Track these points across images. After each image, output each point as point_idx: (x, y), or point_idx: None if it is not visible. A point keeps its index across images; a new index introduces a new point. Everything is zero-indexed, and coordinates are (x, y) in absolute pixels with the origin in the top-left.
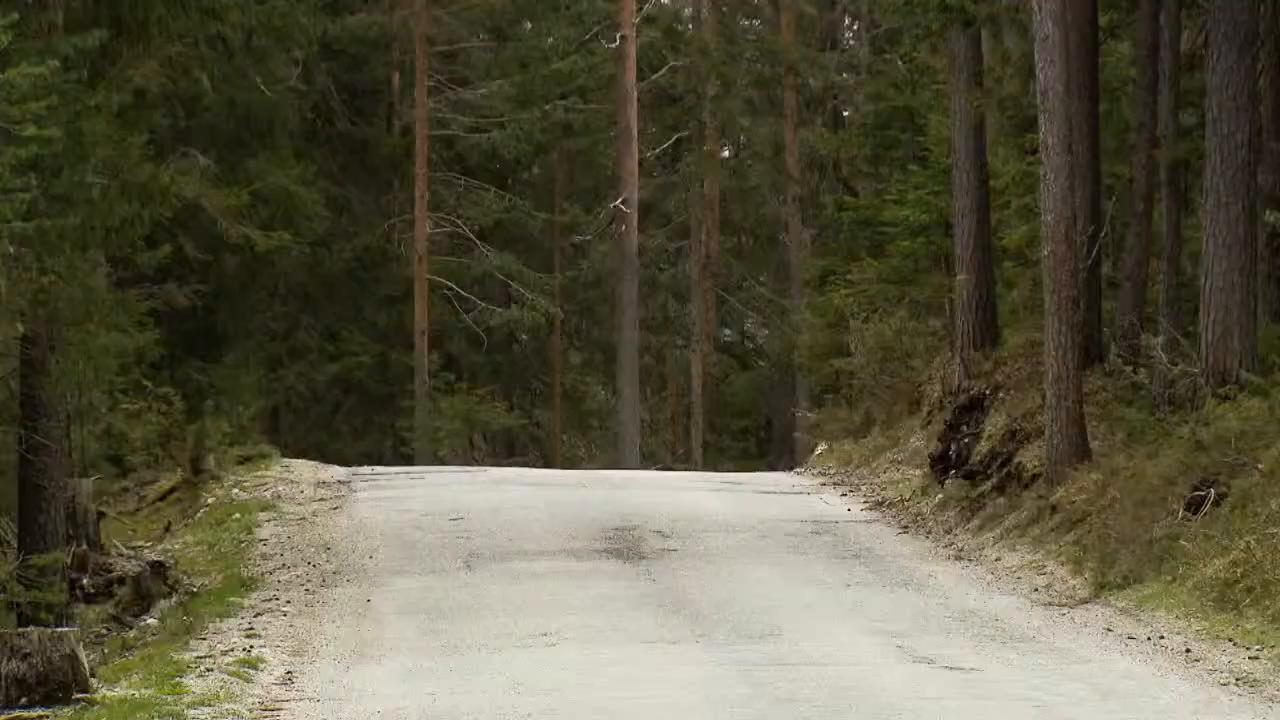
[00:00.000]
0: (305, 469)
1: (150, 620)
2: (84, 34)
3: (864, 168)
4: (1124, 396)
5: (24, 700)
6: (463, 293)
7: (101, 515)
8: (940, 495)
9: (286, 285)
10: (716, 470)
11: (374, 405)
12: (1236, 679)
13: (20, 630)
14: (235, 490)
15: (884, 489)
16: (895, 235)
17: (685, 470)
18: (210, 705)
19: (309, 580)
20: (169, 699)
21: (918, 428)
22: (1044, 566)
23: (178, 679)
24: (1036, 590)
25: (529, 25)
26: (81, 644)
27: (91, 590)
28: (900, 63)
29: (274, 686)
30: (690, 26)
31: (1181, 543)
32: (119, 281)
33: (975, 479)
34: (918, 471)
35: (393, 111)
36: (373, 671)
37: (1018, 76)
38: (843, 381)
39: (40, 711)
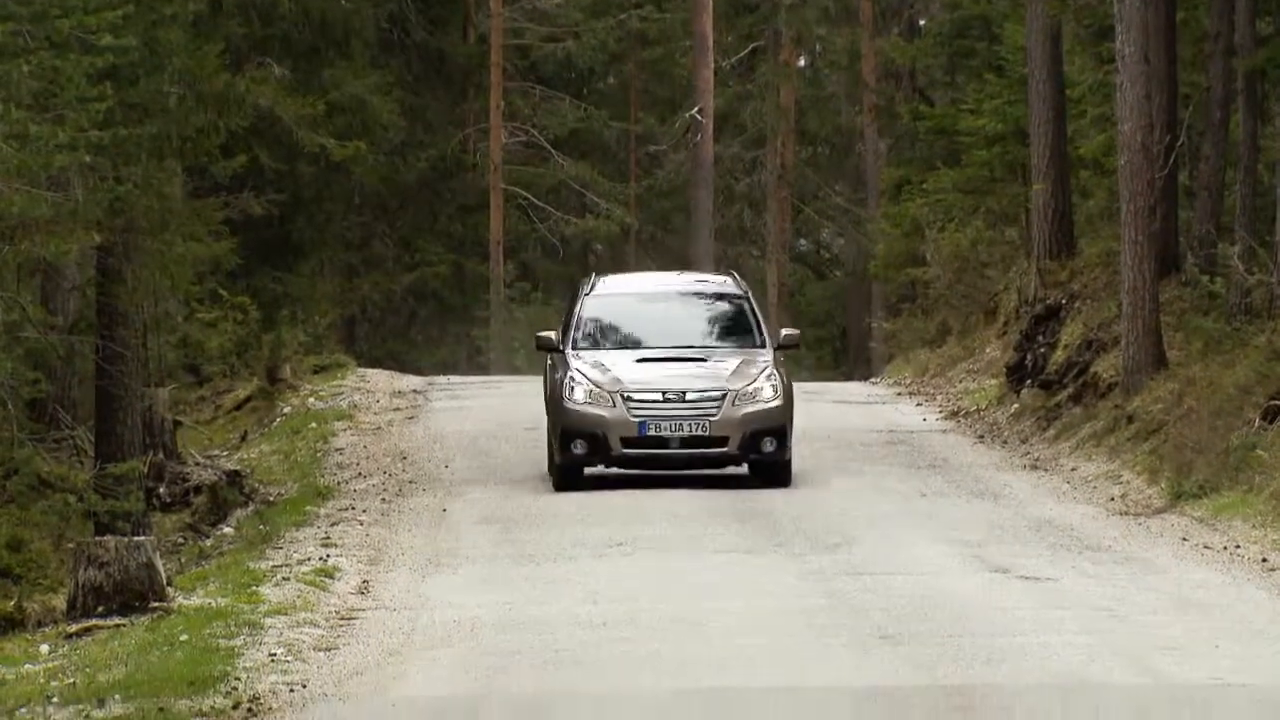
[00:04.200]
0: (381, 378)
1: (226, 529)
2: None
3: (940, 77)
4: (1200, 306)
5: (101, 609)
6: (538, 202)
7: (178, 424)
8: (1016, 405)
9: (362, 195)
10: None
11: (449, 315)
12: None
13: (97, 539)
14: (311, 399)
15: (959, 399)
16: (971, 145)
17: None
18: (286, 614)
19: (385, 490)
20: (245, 608)
21: (993, 338)
22: (1120, 476)
23: (254, 588)
24: (1112, 500)
25: None
26: (158, 553)
27: (168, 499)
28: None
29: (350, 595)
30: None
31: (1258, 452)
32: (195, 191)
33: (1051, 389)
34: (993, 381)
35: (468, 21)
36: (448, 581)
37: None
38: (918, 291)
39: (117, 620)
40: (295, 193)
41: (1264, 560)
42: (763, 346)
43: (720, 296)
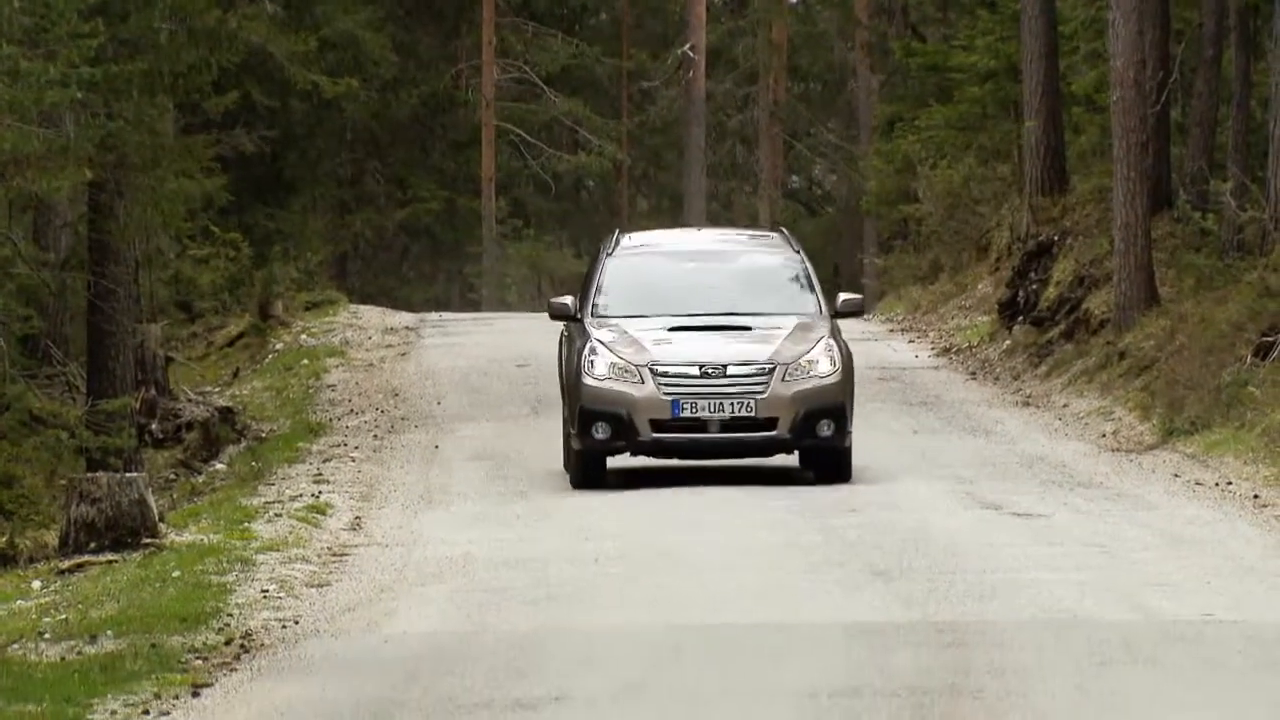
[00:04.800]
0: (373, 315)
1: (219, 466)
2: None
3: (932, 13)
4: (1192, 242)
5: (93, 545)
6: (530, 139)
7: (170, 360)
8: (1008, 341)
9: (354, 131)
10: None
11: (441, 251)
12: None
13: (89, 475)
14: (303, 336)
15: (952, 335)
16: (963, 81)
17: None
18: (279, 550)
19: (377, 426)
20: (237, 544)
21: (985, 274)
22: (1111, 412)
23: (246, 524)
24: (1104, 436)
25: None
26: (150, 489)
27: (160, 435)
28: None
29: (342, 532)
30: None
31: (1250, 389)
32: (186, 127)
33: (1043, 325)
34: (985, 318)
35: None
36: (440, 517)
37: None
38: (911, 228)
39: (109, 556)
40: (287, 129)
41: (1256, 497)
42: (818, 313)
43: (767, 254)
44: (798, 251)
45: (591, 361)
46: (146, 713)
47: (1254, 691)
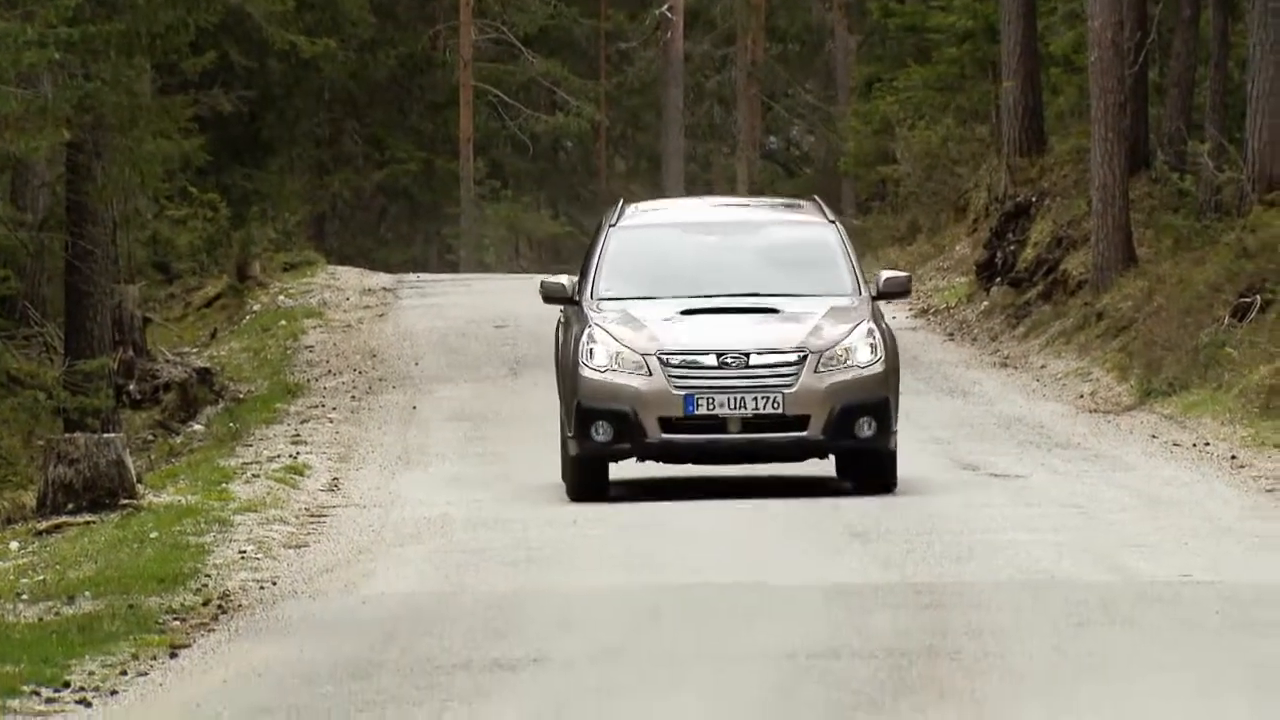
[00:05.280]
0: (351, 276)
1: (196, 427)
2: None
3: None
4: (1170, 203)
5: (71, 506)
6: (508, 99)
7: (147, 321)
8: (986, 302)
9: (331, 91)
10: None
11: (419, 212)
12: None
13: (67, 436)
14: (281, 297)
15: (929, 296)
16: (941, 42)
17: None
18: (257, 511)
19: (355, 387)
20: (215, 505)
21: (963, 235)
22: (1089, 373)
23: (224, 485)
24: (1082, 397)
25: None
26: (128, 450)
27: (138, 396)
28: None
29: (320, 493)
30: None
31: (1227, 350)
32: (164, 88)
33: (1021, 286)
34: (963, 279)
35: None
36: (418, 478)
37: None
38: (888, 189)
39: (87, 517)
40: (265, 90)
41: (1233, 458)
42: (856, 293)
43: (797, 227)
44: (832, 222)
45: (590, 350)
46: (124, 673)
47: (1231, 652)
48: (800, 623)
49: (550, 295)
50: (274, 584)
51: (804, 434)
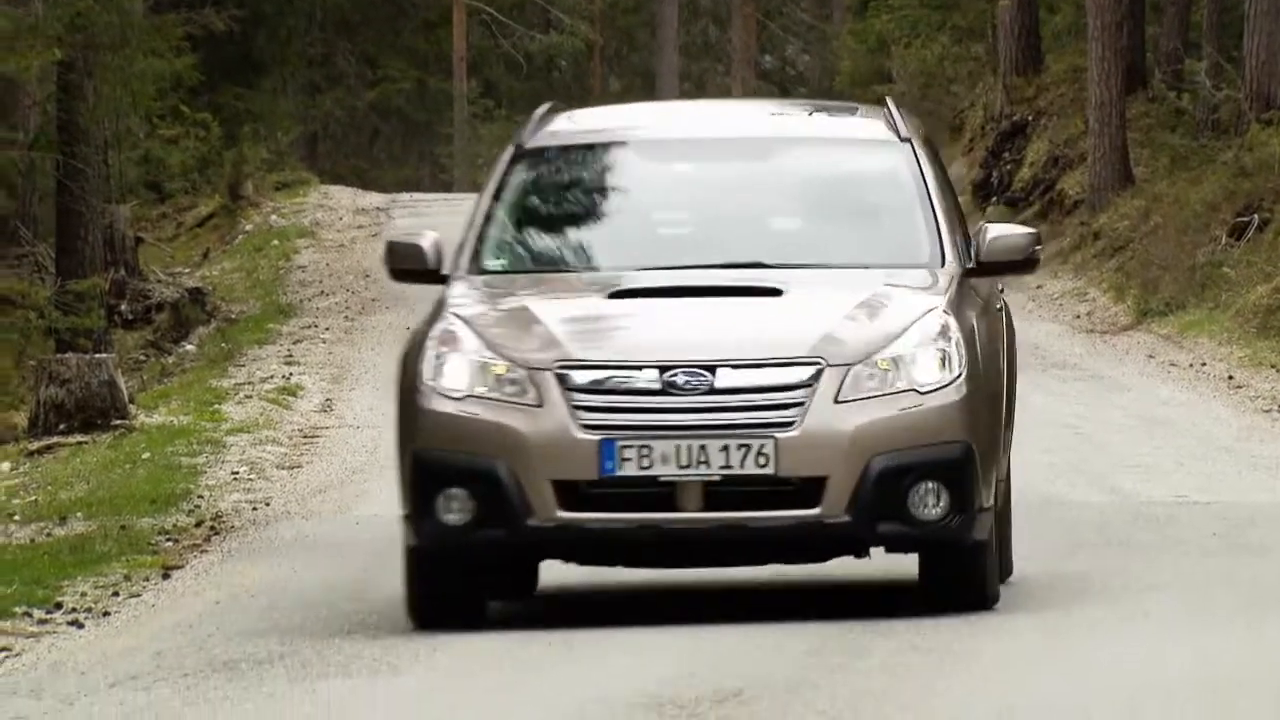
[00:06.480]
0: (344, 196)
1: (189, 347)
2: None
3: None
4: (1167, 122)
5: (62, 426)
6: (501, 18)
7: (139, 241)
8: (981, 222)
9: (324, 10)
10: None
11: (412, 132)
12: (1279, 405)
13: (59, 356)
14: (273, 217)
15: None
16: None
17: None
18: (249, 432)
19: (348, 307)
20: (208, 426)
21: (959, 155)
22: (1086, 293)
23: (216, 406)
24: (1078, 317)
25: None
26: (120, 370)
27: (130, 316)
28: None
29: (313, 414)
30: None
31: (1224, 269)
32: (155, 6)
33: (1017, 205)
34: (959, 199)
35: None
36: None
37: None
38: None
39: (79, 438)
40: (256, 8)
41: (1230, 378)
42: (938, 261)
43: (842, 148)
44: (906, 140)
45: (440, 361)
46: (116, 594)
47: (1225, 573)
48: None
49: (399, 265)
50: (267, 505)
51: (815, 512)
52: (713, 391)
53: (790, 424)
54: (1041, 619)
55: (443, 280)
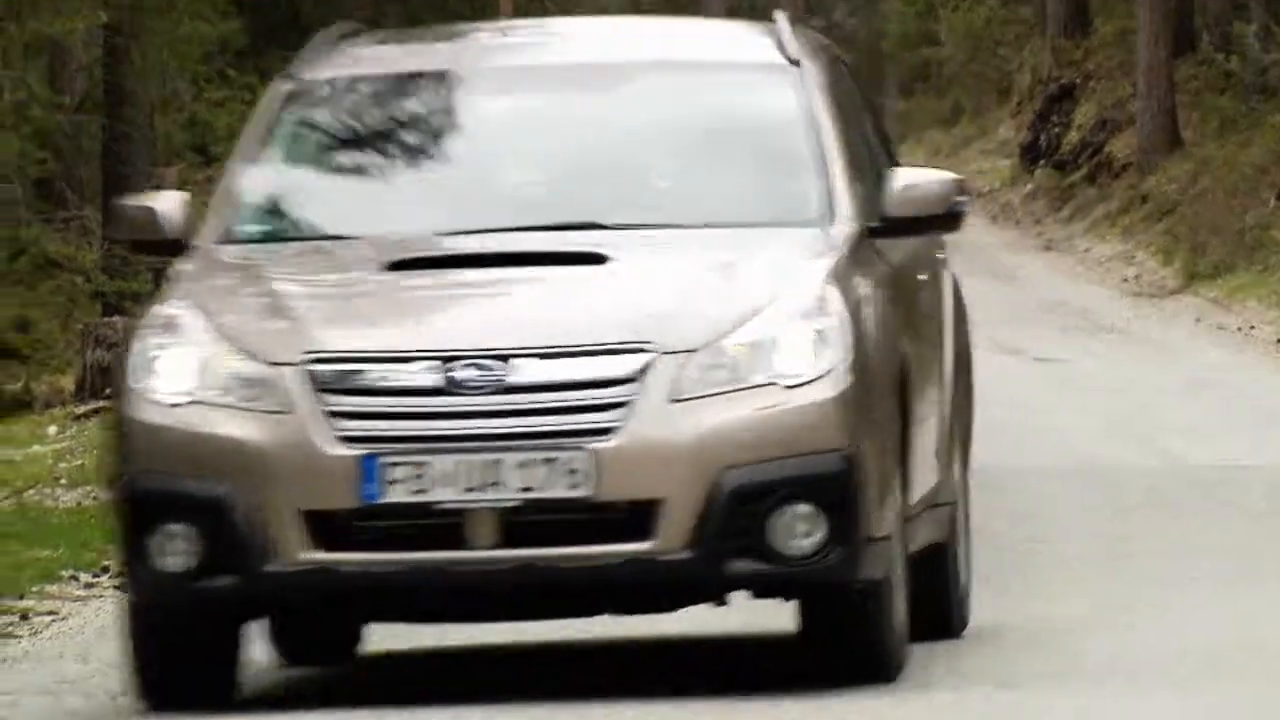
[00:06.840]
0: None
1: None
2: None
3: None
4: (1216, 85)
5: (109, 390)
6: None
7: None
8: (1029, 185)
9: None
10: None
11: None
12: None
13: (105, 319)
14: None
15: (972, 179)
16: None
17: None
18: None
19: None
20: None
21: (1007, 117)
22: (1134, 257)
23: None
24: (1126, 281)
25: None
26: None
27: None
28: None
29: None
30: None
31: (1273, 232)
32: None
33: (1065, 169)
34: (1006, 161)
35: None
36: None
37: None
38: (932, 71)
39: None
40: None
41: (1278, 341)
42: (824, 219)
43: (711, 73)
44: (795, 63)
45: (154, 357)
46: None
47: (1272, 537)
48: None
49: (128, 236)
50: None
51: (646, 546)
52: (507, 390)
53: (610, 431)
54: (1092, 585)
55: (183, 248)
